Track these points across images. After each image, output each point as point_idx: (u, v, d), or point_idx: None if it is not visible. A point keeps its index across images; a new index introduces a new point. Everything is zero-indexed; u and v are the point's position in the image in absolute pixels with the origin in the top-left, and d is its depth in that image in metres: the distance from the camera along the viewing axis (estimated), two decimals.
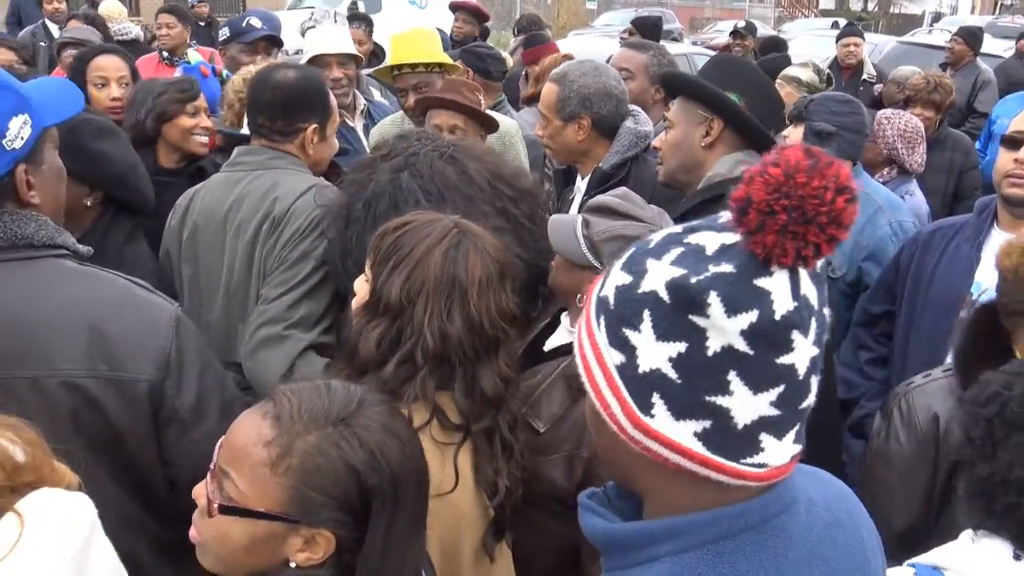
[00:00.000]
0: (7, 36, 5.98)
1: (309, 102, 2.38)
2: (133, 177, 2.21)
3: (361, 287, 1.67)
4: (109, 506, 1.42)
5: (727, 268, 0.84)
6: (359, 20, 5.85)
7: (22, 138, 1.45)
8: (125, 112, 3.06)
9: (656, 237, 0.93)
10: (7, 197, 1.46)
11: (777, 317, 0.83)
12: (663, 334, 0.86)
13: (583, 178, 2.90)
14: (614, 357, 0.90)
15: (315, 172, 2.44)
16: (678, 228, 0.93)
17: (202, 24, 8.19)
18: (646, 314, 0.87)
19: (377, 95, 4.43)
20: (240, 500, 1.14)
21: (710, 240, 0.88)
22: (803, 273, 0.86)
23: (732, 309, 0.83)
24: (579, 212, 1.99)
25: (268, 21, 4.49)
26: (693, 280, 0.84)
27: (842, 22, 13.21)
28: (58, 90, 1.66)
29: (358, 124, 3.96)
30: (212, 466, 1.20)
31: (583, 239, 1.84)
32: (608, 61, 3.58)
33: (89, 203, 2.23)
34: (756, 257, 0.84)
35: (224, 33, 4.56)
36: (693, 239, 0.89)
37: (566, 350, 1.90)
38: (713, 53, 10.21)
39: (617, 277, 0.91)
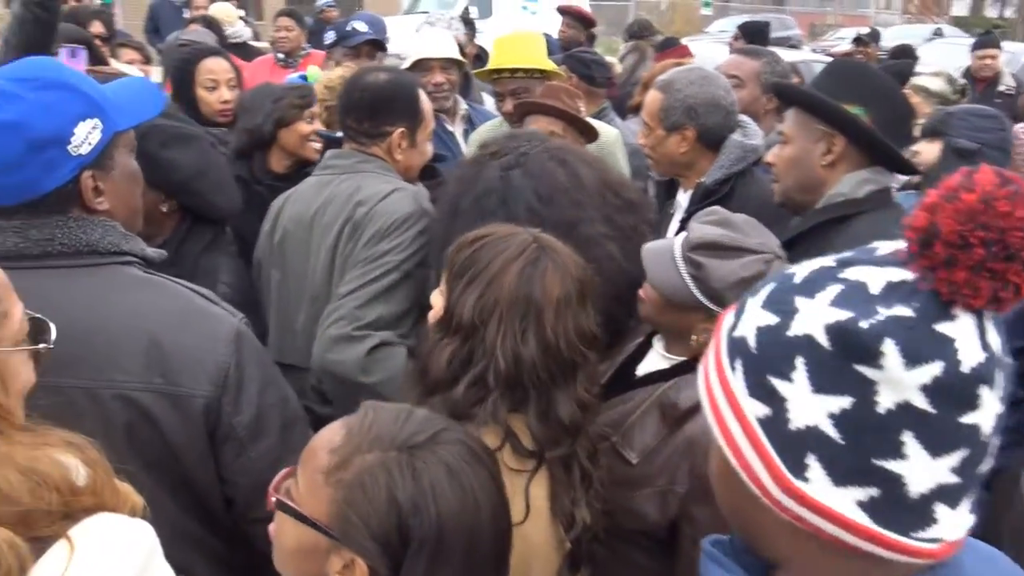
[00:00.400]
0: (128, 36, 6.24)
1: (397, 105, 2.36)
2: (198, 183, 2.18)
3: (436, 301, 1.61)
4: (165, 522, 1.39)
5: (904, 311, 0.74)
6: (462, 23, 5.80)
7: (90, 143, 1.42)
8: (240, 115, 3.10)
9: (801, 271, 0.83)
10: (73, 203, 1.44)
11: (964, 370, 0.73)
12: (822, 386, 0.76)
13: (685, 192, 2.75)
14: (756, 409, 0.80)
15: (406, 178, 2.40)
16: (829, 261, 0.82)
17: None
18: (799, 362, 0.77)
19: (489, 102, 4.36)
20: (295, 500, 1.13)
21: (873, 276, 0.77)
22: (988, 318, 0.74)
23: (912, 360, 0.72)
24: (678, 233, 1.85)
25: (373, 25, 4.50)
26: (864, 325, 0.74)
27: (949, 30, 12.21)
28: (137, 93, 1.62)
29: (457, 129, 3.93)
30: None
31: (691, 280, 1.71)
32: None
33: (165, 209, 2.23)
34: (938, 298, 0.74)
35: (330, 37, 4.60)
36: (851, 274, 0.78)
37: (659, 376, 1.79)
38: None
39: (758, 316, 0.82)
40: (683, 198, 2.74)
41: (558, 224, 1.88)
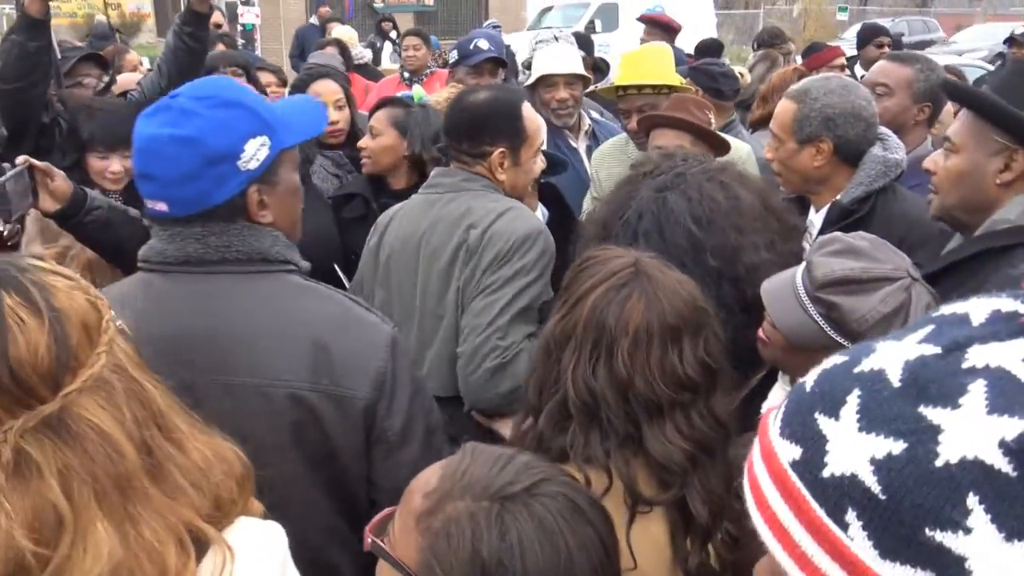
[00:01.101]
0: (262, 60, 6.49)
1: (496, 124, 2.30)
2: None
3: None
4: (318, 518, 1.54)
5: None
6: (579, 41, 5.70)
7: (258, 159, 1.49)
8: (407, 135, 3.13)
9: (893, 367, 0.61)
10: (240, 214, 1.52)
11: None
12: (1019, 530, 0.55)
13: (817, 211, 2.52)
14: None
15: (514, 196, 2.34)
16: (932, 349, 0.61)
17: None
18: (972, 500, 0.56)
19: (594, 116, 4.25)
20: (392, 541, 1.10)
21: (1011, 358, 0.58)
22: None
23: None
24: (807, 261, 1.66)
25: (494, 42, 4.46)
26: None
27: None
28: (303, 111, 1.70)
29: (581, 145, 3.85)
30: None
31: (825, 322, 1.55)
32: (860, 78, 3.14)
33: None
34: None
35: (453, 56, 4.59)
36: (981, 359, 0.59)
37: None
38: (986, 66, 9.03)
39: (865, 445, 0.60)
40: (816, 218, 2.51)
41: (719, 250, 1.78)
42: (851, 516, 0.59)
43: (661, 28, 6.35)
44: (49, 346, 0.94)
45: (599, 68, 5.47)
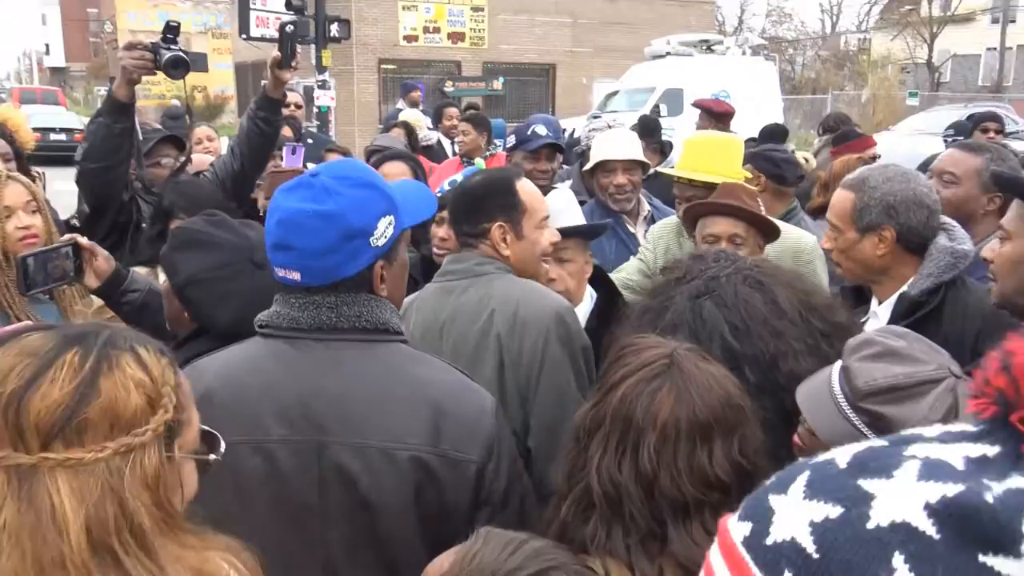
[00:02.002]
0: (333, 141, 6.72)
1: (490, 201, 2.31)
2: (192, 291, 2.11)
3: None
4: None
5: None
6: (646, 128, 5.75)
7: (385, 237, 1.60)
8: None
9: (842, 456, 0.69)
10: (363, 287, 1.62)
11: None
12: None
13: (880, 302, 2.44)
14: None
15: (525, 274, 2.31)
16: (879, 442, 0.70)
17: None
18: (898, 559, 0.60)
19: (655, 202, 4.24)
20: None
21: (946, 453, 0.65)
22: None
23: None
24: (844, 367, 1.57)
25: (551, 128, 4.54)
26: (988, 499, 0.59)
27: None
28: (417, 194, 1.82)
29: (639, 231, 3.84)
30: None
31: (872, 432, 1.47)
32: (924, 167, 3.08)
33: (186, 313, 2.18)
34: None
35: (511, 140, 4.68)
36: (919, 452, 0.66)
37: None
38: None
39: (805, 511, 0.65)
40: (880, 309, 2.43)
41: (757, 360, 1.71)
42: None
43: (714, 116, 6.33)
44: (58, 410, 0.97)
45: (664, 151, 5.50)
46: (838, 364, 1.57)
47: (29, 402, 0.96)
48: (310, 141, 6.28)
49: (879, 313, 2.43)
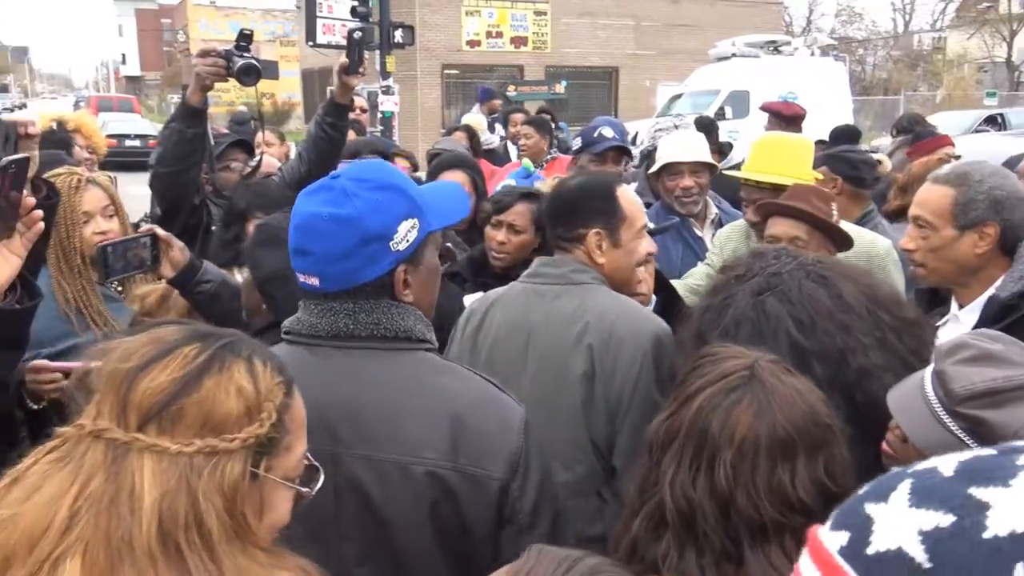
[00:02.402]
0: (397, 146, 6.78)
1: (589, 206, 2.25)
2: (271, 286, 2.15)
3: None
4: None
5: None
6: (703, 128, 5.63)
7: (407, 240, 1.54)
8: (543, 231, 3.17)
9: (946, 465, 0.66)
10: (385, 293, 1.56)
11: None
12: None
13: (961, 306, 2.32)
14: None
15: (616, 281, 2.26)
16: (988, 451, 0.67)
17: None
18: (1019, 568, 0.58)
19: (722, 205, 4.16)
20: None
21: None
22: None
23: None
24: (937, 371, 1.49)
25: (618, 130, 4.48)
26: None
27: None
28: (448, 196, 1.76)
29: (707, 234, 3.75)
30: None
31: (971, 438, 1.40)
32: (1012, 166, 2.93)
33: (264, 306, 2.25)
34: None
35: (577, 143, 4.64)
36: None
37: None
38: None
39: (914, 519, 0.63)
40: (963, 313, 2.31)
41: (825, 356, 1.64)
42: None
43: (783, 119, 6.19)
44: (159, 395, 1.00)
45: (723, 152, 5.39)
46: (930, 369, 1.50)
47: (139, 382, 1.01)
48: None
49: (962, 317, 2.31)
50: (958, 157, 4.79)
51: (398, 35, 13.69)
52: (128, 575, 0.94)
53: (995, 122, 19.40)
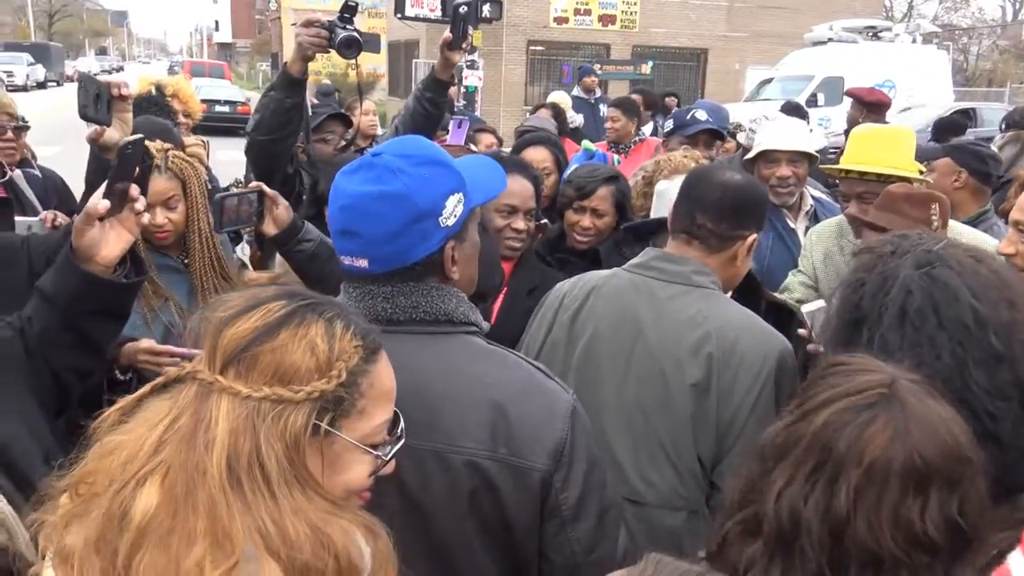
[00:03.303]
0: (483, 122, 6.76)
1: (756, 210, 2.13)
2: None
3: None
4: None
5: None
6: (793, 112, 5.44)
7: (455, 216, 1.50)
8: (624, 213, 3.17)
9: None
10: (434, 272, 1.52)
11: None
12: None
13: None
14: None
15: (728, 285, 2.16)
16: None
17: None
18: None
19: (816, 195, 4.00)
20: None
21: None
22: None
23: None
24: None
25: (714, 114, 4.36)
26: None
27: None
28: (487, 169, 1.69)
29: (800, 226, 3.62)
30: None
31: None
32: None
33: None
34: None
35: (669, 124, 4.53)
36: None
37: None
38: None
39: None
40: None
41: (1003, 327, 1.51)
42: None
43: (865, 105, 5.93)
44: (240, 341, 1.09)
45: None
46: None
47: (228, 328, 1.09)
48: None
49: None
50: None
51: (486, 9, 13.64)
52: (200, 498, 1.02)
53: None
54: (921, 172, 3.15)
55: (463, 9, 3.17)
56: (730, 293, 2.38)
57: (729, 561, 1.21)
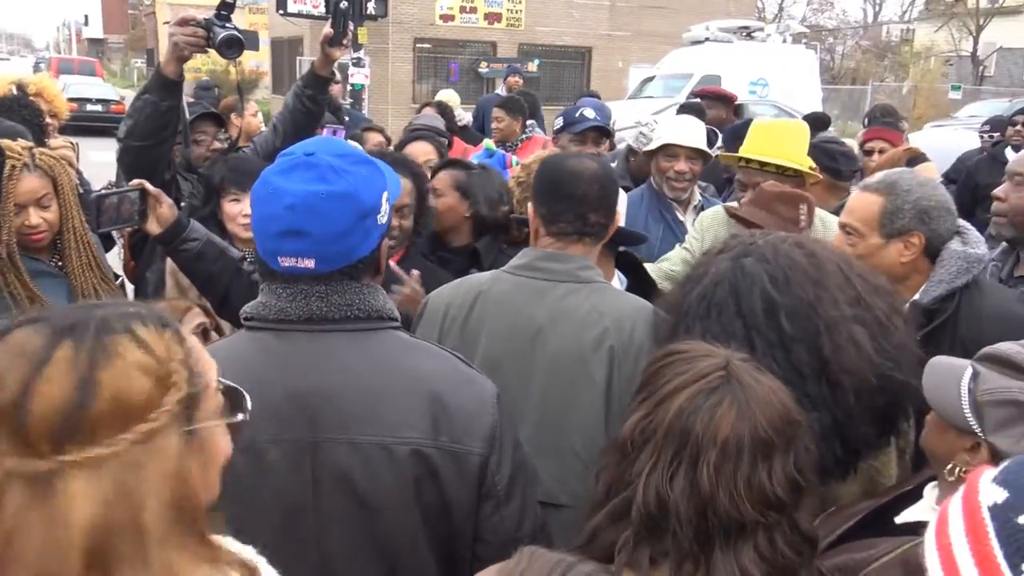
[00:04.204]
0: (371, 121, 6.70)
1: (616, 198, 2.19)
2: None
3: None
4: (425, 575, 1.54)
5: None
6: (691, 111, 5.66)
7: (386, 212, 1.55)
8: (468, 197, 3.18)
9: None
10: (369, 269, 1.56)
11: None
12: None
13: None
14: None
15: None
16: None
17: None
18: None
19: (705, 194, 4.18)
20: None
21: None
22: None
23: None
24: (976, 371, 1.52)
25: (601, 112, 4.45)
26: None
27: None
28: (387, 168, 1.70)
29: (688, 219, 3.78)
30: None
31: (966, 394, 1.44)
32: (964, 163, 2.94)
33: None
34: None
35: (558, 123, 4.61)
36: None
37: (917, 529, 1.48)
38: None
39: None
40: None
41: (796, 309, 1.70)
42: None
43: (717, 99, 6.40)
44: (62, 411, 0.90)
45: (709, 140, 5.42)
46: (969, 362, 1.53)
47: (30, 406, 0.90)
48: (347, 119, 6.23)
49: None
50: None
51: (370, 7, 13.49)
52: None
53: None
54: (811, 168, 3.31)
55: (344, 4, 3.13)
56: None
57: (602, 549, 1.27)
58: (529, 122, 6.01)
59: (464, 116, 7.52)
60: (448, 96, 7.60)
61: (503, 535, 1.55)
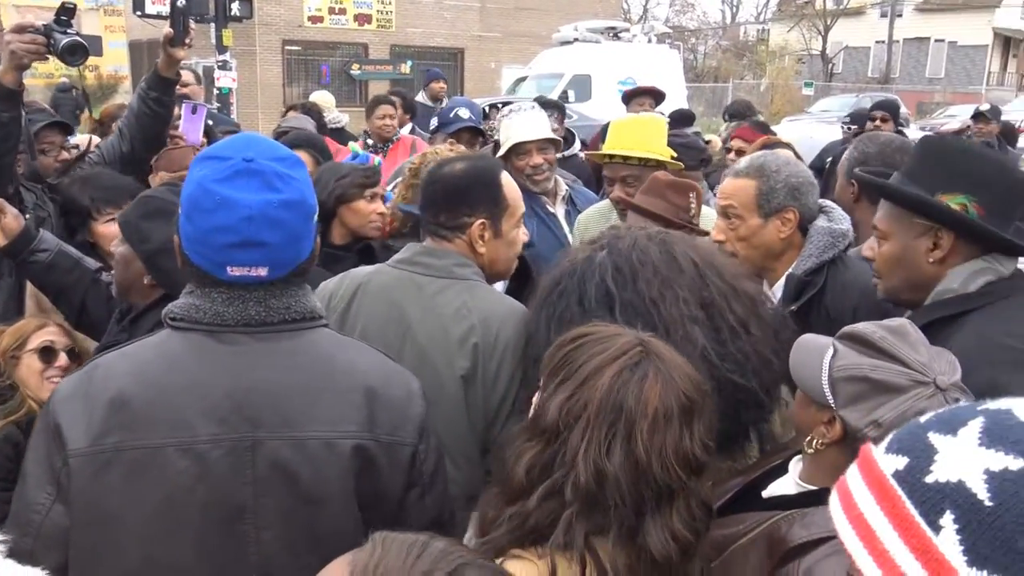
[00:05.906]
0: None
1: (475, 194, 2.17)
2: (163, 258, 2.07)
3: (534, 402, 1.47)
4: None
5: None
6: (552, 107, 5.75)
7: (315, 212, 1.56)
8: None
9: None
10: (306, 269, 1.56)
11: None
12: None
13: (771, 287, 2.48)
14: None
15: (493, 272, 2.23)
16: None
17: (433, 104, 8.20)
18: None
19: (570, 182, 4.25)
20: None
21: None
22: None
23: None
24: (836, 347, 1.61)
25: (474, 112, 4.49)
26: None
27: None
28: None
29: (559, 210, 3.82)
30: None
31: (826, 370, 1.53)
32: (827, 155, 3.14)
33: (146, 282, 2.18)
34: None
35: (434, 123, 4.62)
36: None
37: (781, 503, 1.57)
38: None
39: (984, 459, 0.66)
40: (770, 293, 2.47)
41: (634, 304, 1.76)
42: (947, 519, 0.64)
43: (648, 95, 6.65)
44: None
45: (567, 140, 5.52)
46: (832, 339, 1.60)
47: None
48: (210, 123, 6.00)
49: (771, 296, 2.48)
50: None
51: (235, 8, 13.08)
52: None
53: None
54: (673, 157, 3.45)
55: (181, 2, 3.03)
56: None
57: (533, 532, 1.30)
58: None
59: (341, 118, 7.35)
60: (322, 98, 7.43)
61: (426, 520, 1.56)
